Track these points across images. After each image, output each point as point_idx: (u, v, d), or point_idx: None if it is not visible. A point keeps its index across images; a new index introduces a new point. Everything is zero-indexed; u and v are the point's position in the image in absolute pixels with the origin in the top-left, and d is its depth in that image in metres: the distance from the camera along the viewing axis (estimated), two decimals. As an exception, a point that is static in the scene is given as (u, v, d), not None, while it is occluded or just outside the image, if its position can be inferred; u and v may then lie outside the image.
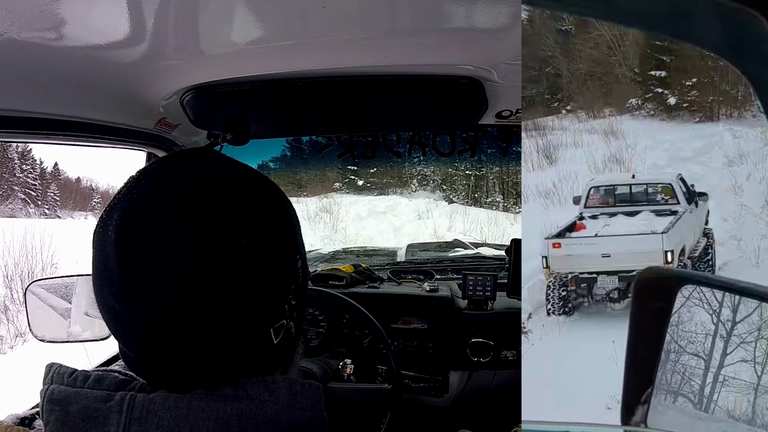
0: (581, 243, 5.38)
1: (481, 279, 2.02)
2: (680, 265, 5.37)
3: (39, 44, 0.96)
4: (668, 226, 5.33)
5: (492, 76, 1.42)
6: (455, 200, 11.75)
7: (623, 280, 5.15)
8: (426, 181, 12.35)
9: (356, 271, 2.20)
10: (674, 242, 5.24)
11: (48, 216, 23.94)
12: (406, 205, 10.84)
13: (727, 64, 0.62)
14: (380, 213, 10.43)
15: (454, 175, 12.37)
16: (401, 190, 11.96)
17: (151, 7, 0.92)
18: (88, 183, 28.17)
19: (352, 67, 1.36)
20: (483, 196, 12.06)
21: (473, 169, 11.77)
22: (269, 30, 1.09)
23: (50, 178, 25.66)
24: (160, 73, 1.30)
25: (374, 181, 11.83)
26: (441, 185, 12.34)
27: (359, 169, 11.23)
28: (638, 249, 5.12)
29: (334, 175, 11.05)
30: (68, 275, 1.84)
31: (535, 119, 11.62)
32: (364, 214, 10.35)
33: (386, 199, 11.27)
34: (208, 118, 1.63)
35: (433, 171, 12.19)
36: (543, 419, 2.13)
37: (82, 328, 1.75)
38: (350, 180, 11.55)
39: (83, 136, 1.37)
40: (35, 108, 1.17)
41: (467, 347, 1.96)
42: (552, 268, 5.29)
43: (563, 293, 5.33)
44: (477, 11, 1.04)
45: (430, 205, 10.91)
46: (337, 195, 10.80)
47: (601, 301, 5.34)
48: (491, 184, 12.21)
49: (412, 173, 12.20)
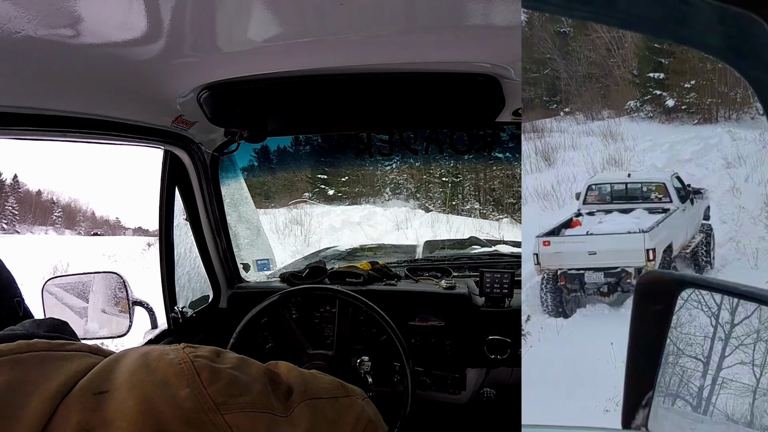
0: (569, 241, 5.65)
1: (498, 276, 1.99)
2: (668, 261, 5.61)
3: (56, 41, 0.97)
4: (652, 225, 5.55)
5: (509, 73, 1.41)
6: (432, 208, 11.20)
7: (609, 276, 5.44)
8: (399, 190, 11.81)
9: (373, 269, 2.18)
10: (658, 240, 5.44)
11: (6, 231, 23.52)
12: (382, 215, 10.24)
13: (726, 66, 0.62)
14: (355, 224, 9.75)
15: (429, 183, 11.90)
16: (374, 200, 11.37)
17: (168, 4, 0.92)
18: (49, 196, 27.44)
19: (369, 64, 1.35)
20: (460, 204, 11.60)
21: (449, 176, 11.46)
22: (286, 27, 1.09)
23: (9, 191, 24.84)
24: (177, 71, 1.30)
25: (346, 190, 11.25)
26: (415, 193, 11.82)
27: (330, 178, 10.75)
28: (622, 247, 5.41)
29: (304, 185, 10.58)
30: (84, 273, 1.84)
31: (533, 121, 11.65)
32: (338, 225, 9.72)
33: (360, 209, 10.63)
34: (224, 115, 1.63)
35: (407, 179, 11.77)
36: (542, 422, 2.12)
37: (100, 324, 1.74)
38: (320, 189, 10.91)
39: (101, 134, 1.37)
40: (53, 105, 1.17)
41: (485, 344, 1.95)
42: (542, 264, 5.54)
43: (555, 288, 5.59)
44: (494, 9, 1.03)
45: (408, 214, 10.35)
46: (308, 205, 10.18)
47: (592, 294, 5.61)
48: (467, 190, 11.93)
49: (384, 181, 11.67)
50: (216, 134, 1.88)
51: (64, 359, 0.65)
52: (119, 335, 1.77)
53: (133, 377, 0.63)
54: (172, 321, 1.86)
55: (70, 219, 27.94)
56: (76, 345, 0.69)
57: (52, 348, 0.66)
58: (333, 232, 9.21)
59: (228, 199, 2.13)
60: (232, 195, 2.20)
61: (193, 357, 0.67)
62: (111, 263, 12.69)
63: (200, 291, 2.07)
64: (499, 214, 10.89)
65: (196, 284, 2.04)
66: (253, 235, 2.35)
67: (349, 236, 8.62)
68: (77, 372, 0.64)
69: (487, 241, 3.21)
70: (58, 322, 0.79)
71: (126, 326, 1.76)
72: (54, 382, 0.62)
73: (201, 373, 0.65)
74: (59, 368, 0.64)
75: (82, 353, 0.67)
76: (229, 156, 2.07)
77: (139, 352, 0.68)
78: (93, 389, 0.62)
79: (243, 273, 2.24)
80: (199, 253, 2.02)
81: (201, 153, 1.88)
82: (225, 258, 2.11)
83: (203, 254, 2.03)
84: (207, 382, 0.64)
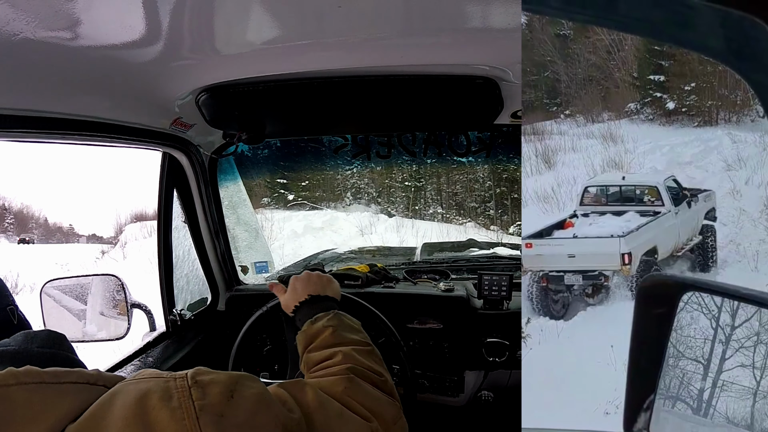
0: (550, 243, 5.86)
1: (496, 279, 1.99)
2: (650, 263, 5.75)
3: (55, 44, 0.97)
4: (630, 230, 5.71)
5: (508, 75, 1.42)
6: (394, 213, 11.13)
7: (587, 279, 5.65)
8: (360, 194, 11.62)
9: (372, 271, 2.18)
10: (635, 244, 5.61)
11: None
12: (344, 220, 10.15)
13: (727, 69, 0.62)
14: (318, 229, 9.68)
15: (391, 187, 11.73)
16: (335, 204, 11.23)
17: (167, 6, 0.92)
18: (0, 202, 26.77)
19: (368, 66, 1.36)
20: (423, 208, 11.49)
21: (412, 180, 11.32)
22: (285, 30, 1.09)
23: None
24: (176, 73, 1.30)
25: (306, 195, 10.90)
26: (377, 198, 11.65)
27: (289, 182, 10.44)
28: (598, 251, 5.60)
29: (262, 189, 10.00)
30: (82, 275, 1.84)
31: (533, 123, 11.65)
32: (300, 230, 9.52)
33: (322, 214, 10.47)
34: (223, 117, 1.63)
35: (368, 183, 11.58)
36: (543, 425, 2.12)
37: (98, 327, 1.74)
38: (280, 194, 10.59)
39: (99, 136, 1.37)
40: (52, 108, 1.17)
41: (483, 347, 1.95)
42: (525, 266, 5.67)
43: (539, 289, 5.77)
44: (492, 11, 1.03)
45: (371, 219, 10.30)
46: (267, 211, 9.85)
47: (578, 295, 5.82)
48: (429, 195, 11.80)
49: (345, 186, 11.51)
50: (214, 136, 1.89)
51: (57, 395, 0.59)
52: (117, 338, 1.77)
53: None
54: (171, 323, 1.86)
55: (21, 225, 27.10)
56: (72, 375, 0.62)
57: (43, 380, 0.59)
58: (295, 237, 9.02)
59: (226, 201, 2.13)
60: (230, 197, 2.20)
61: (200, 408, 0.60)
62: (65, 272, 11.69)
63: (198, 293, 2.07)
64: (463, 219, 10.85)
65: (195, 287, 2.04)
66: (251, 237, 2.35)
67: (312, 242, 8.42)
68: (69, 412, 0.58)
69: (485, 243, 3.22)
70: (55, 335, 0.73)
71: (124, 329, 1.76)
72: (42, 424, 0.56)
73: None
74: (49, 407, 0.58)
75: (78, 386, 0.61)
76: (228, 158, 2.08)
77: (137, 393, 0.60)
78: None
79: (241, 275, 2.24)
80: (198, 255, 2.02)
81: (199, 155, 1.88)
82: (223, 260, 2.11)
83: (202, 256, 2.03)
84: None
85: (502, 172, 9.96)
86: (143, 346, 1.75)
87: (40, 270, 11.14)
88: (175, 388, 0.61)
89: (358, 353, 1.00)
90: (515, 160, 2.13)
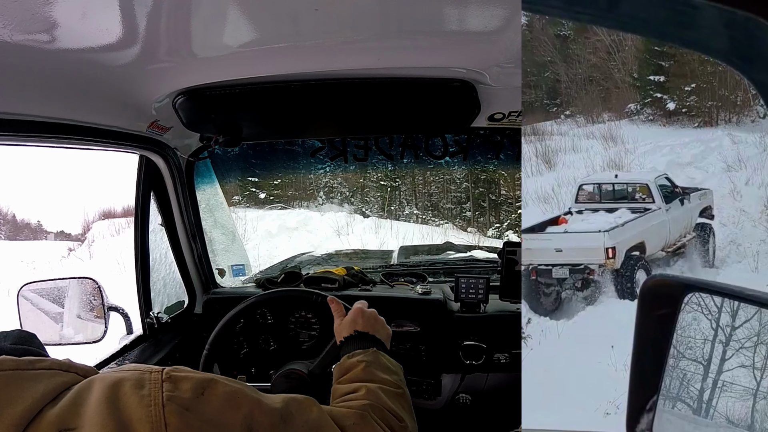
0: (538, 238, 5.96)
1: (473, 282, 2.00)
2: (636, 259, 5.86)
3: (32, 47, 0.97)
4: (615, 225, 5.85)
5: (484, 78, 1.43)
6: (369, 213, 10.95)
7: (574, 273, 5.78)
8: (333, 194, 11.38)
9: (349, 274, 2.18)
10: (620, 239, 5.75)
11: None
12: (319, 220, 10.02)
13: (727, 69, 0.62)
14: (292, 229, 9.57)
15: (365, 187, 11.51)
16: (308, 204, 11.01)
17: (143, 10, 0.92)
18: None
19: (345, 69, 1.36)
20: (398, 209, 11.33)
21: (388, 180, 11.09)
22: (261, 33, 1.10)
23: None
24: (152, 76, 1.31)
25: (278, 194, 10.68)
26: (350, 198, 11.44)
27: (261, 181, 9.87)
28: (583, 245, 5.74)
29: (233, 188, 9.37)
30: (60, 278, 1.84)
31: (534, 124, 11.64)
32: (274, 230, 9.38)
33: (296, 214, 10.33)
34: (200, 120, 1.64)
35: (341, 183, 11.30)
36: (543, 425, 2.11)
37: (75, 330, 1.75)
38: (251, 193, 10.29)
39: (76, 139, 1.36)
40: (28, 111, 1.17)
41: (460, 350, 1.95)
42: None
43: (528, 282, 5.85)
44: (469, 14, 1.05)
45: (347, 219, 10.14)
46: (240, 209, 9.49)
47: (569, 289, 5.94)
48: (405, 195, 11.66)
49: (318, 185, 11.23)
50: (191, 139, 1.88)
51: (32, 379, 0.63)
52: (94, 341, 1.76)
53: (98, 415, 0.61)
54: (148, 326, 1.85)
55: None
56: (45, 362, 0.66)
57: (19, 366, 0.64)
58: (270, 238, 8.91)
59: (203, 204, 2.13)
60: (207, 200, 2.19)
61: (167, 398, 0.63)
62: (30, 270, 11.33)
63: (175, 296, 2.06)
64: (439, 220, 10.82)
65: (172, 290, 2.03)
66: (228, 240, 2.35)
67: (288, 243, 8.29)
68: (45, 394, 0.62)
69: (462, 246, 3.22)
70: (26, 334, 0.77)
71: (101, 332, 1.75)
72: (19, 406, 0.60)
73: (169, 421, 0.62)
74: (26, 390, 0.62)
75: (52, 371, 0.65)
76: (205, 161, 2.08)
77: (113, 380, 0.64)
78: (60, 424, 0.60)
79: (218, 278, 2.24)
80: (175, 258, 2.01)
81: (176, 158, 1.88)
82: (200, 263, 2.11)
83: (178, 259, 2.02)
84: None
85: (480, 173, 9.96)
86: (120, 348, 1.74)
87: (6, 268, 10.87)
88: (149, 380, 0.65)
89: (384, 392, 1.00)
90: (493, 162, 2.13)
